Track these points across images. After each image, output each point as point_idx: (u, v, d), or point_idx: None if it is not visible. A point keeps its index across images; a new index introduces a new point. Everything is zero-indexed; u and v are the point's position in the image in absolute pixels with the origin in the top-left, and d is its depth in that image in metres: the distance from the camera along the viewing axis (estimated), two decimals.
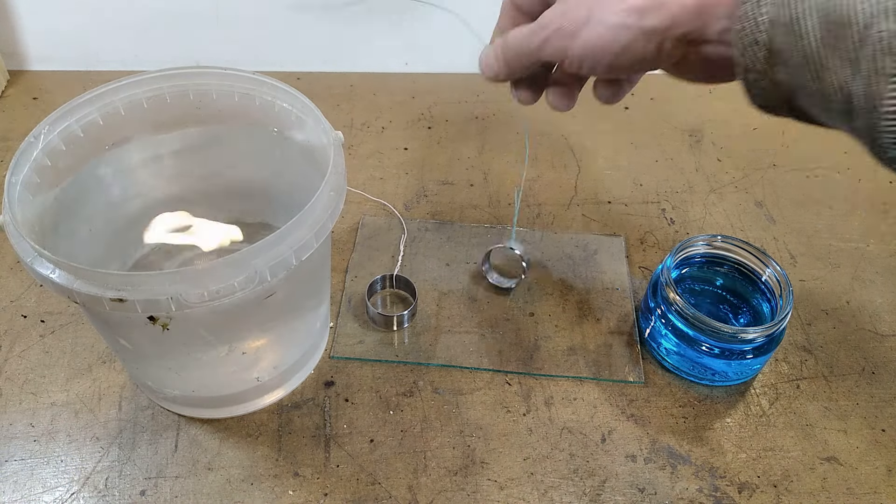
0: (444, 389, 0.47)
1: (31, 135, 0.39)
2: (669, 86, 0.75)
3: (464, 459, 0.43)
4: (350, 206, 0.59)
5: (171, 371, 0.41)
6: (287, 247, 0.35)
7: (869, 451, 0.45)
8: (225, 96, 0.44)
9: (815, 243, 0.58)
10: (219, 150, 0.48)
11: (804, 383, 0.48)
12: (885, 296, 0.54)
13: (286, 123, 0.44)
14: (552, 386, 0.47)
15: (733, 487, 0.43)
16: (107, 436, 0.44)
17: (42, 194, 0.39)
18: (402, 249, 0.55)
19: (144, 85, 0.43)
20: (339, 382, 0.47)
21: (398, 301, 0.52)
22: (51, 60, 0.72)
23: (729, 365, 0.45)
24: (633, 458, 0.44)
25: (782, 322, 0.44)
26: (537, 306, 0.52)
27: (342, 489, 0.42)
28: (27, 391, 0.46)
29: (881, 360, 0.50)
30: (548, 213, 0.59)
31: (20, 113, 0.67)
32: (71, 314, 0.50)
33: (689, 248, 0.48)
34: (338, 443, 0.44)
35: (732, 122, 0.70)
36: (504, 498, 0.42)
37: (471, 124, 0.68)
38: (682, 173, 0.64)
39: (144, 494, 0.41)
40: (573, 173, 0.64)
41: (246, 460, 0.43)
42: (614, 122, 0.70)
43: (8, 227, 0.35)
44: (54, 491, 0.41)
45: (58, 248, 0.40)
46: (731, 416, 0.46)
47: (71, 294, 0.33)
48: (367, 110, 0.70)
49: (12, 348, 0.48)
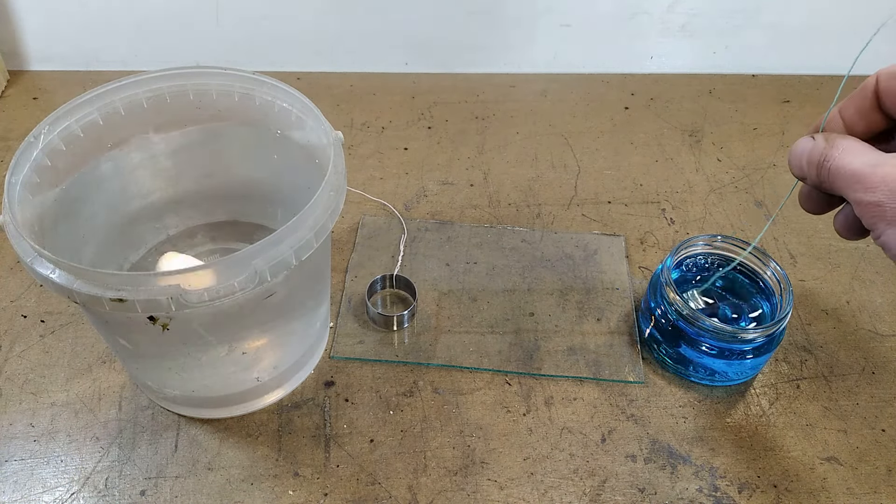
0: (444, 389, 0.47)
1: (31, 135, 0.39)
2: (669, 86, 0.75)
3: (464, 459, 0.43)
4: (350, 206, 0.59)
5: (171, 371, 0.41)
6: (287, 247, 0.35)
7: (869, 451, 0.45)
8: (225, 96, 0.44)
9: (815, 243, 0.58)
10: (219, 150, 0.48)
11: (804, 383, 0.48)
12: (885, 296, 0.54)
13: (286, 123, 0.44)
14: (552, 386, 0.47)
15: (733, 487, 0.43)
16: (107, 436, 0.44)
17: (42, 194, 0.39)
18: (402, 249, 0.55)
19: (144, 85, 0.43)
20: (339, 382, 0.47)
21: (398, 301, 0.52)
22: (51, 60, 0.72)
23: (729, 365, 0.45)
24: (633, 458, 0.44)
25: (782, 322, 0.44)
26: (537, 306, 0.52)
27: (342, 489, 0.42)
28: (27, 391, 0.46)
29: (881, 360, 0.50)
30: (548, 213, 0.59)
31: (20, 113, 0.67)
32: (71, 314, 0.50)
33: (689, 247, 0.48)
34: (338, 443, 0.44)
35: (732, 122, 0.70)
36: (504, 498, 0.42)
37: (471, 124, 0.68)
38: (682, 173, 0.64)
39: (144, 494, 0.41)
40: (573, 173, 0.64)
41: (246, 460, 0.43)
42: (614, 122, 0.70)
43: (8, 227, 0.35)
44: (54, 491, 0.41)
45: (58, 248, 0.40)
46: (731, 416, 0.46)
47: (71, 294, 0.33)
48: (367, 110, 0.70)
49: (12, 348, 0.48)
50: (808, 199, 0.39)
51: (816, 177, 0.35)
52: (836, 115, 0.36)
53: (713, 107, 0.72)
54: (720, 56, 0.76)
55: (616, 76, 0.76)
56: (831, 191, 0.34)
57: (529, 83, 0.74)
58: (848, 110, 0.36)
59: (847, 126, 0.36)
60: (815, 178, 0.35)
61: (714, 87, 0.75)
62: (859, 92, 0.35)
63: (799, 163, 0.36)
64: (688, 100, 0.73)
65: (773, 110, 0.72)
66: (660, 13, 0.72)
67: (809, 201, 0.39)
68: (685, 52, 0.75)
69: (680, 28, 0.73)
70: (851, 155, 0.33)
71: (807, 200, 0.39)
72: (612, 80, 0.75)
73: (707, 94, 0.74)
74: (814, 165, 0.34)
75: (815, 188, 0.36)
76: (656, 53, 0.75)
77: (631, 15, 0.72)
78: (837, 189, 0.33)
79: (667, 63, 0.76)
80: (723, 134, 0.69)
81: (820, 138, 0.35)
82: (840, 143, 0.34)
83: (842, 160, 0.33)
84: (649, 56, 0.75)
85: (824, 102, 0.73)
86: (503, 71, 0.75)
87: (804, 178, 0.36)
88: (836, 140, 0.34)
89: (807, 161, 0.35)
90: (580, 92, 0.73)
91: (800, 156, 0.35)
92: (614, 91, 0.74)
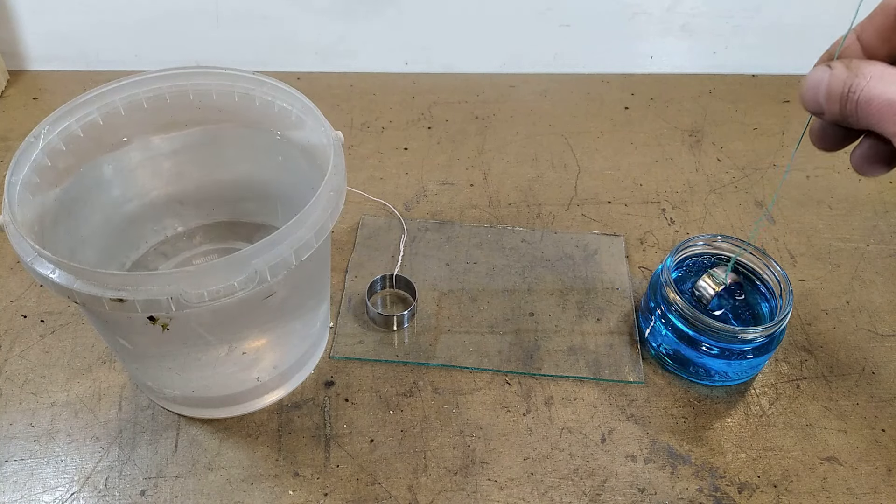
0: (444, 389, 0.47)
1: (31, 135, 0.39)
2: (669, 86, 0.75)
3: (464, 459, 0.43)
4: (350, 206, 0.59)
5: (171, 371, 0.41)
6: (287, 247, 0.35)
7: (869, 451, 0.45)
8: (225, 96, 0.44)
9: (815, 243, 0.58)
10: (219, 150, 0.48)
11: (804, 383, 0.48)
12: (885, 296, 0.54)
13: (286, 123, 0.44)
14: (552, 386, 0.47)
15: (733, 487, 0.43)
16: (107, 436, 0.44)
17: (42, 194, 0.39)
18: (402, 249, 0.55)
19: (144, 85, 0.43)
20: (339, 382, 0.47)
21: (398, 301, 0.52)
22: (51, 60, 0.72)
23: (729, 365, 0.45)
24: (633, 458, 0.44)
25: (782, 322, 0.44)
26: (537, 306, 0.52)
27: (342, 489, 0.42)
28: (27, 391, 0.46)
29: (881, 360, 0.50)
30: (548, 213, 0.59)
31: (20, 113, 0.67)
32: (71, 314, 0.50)
33: (689, 247, 0.48)
34: (338, 443, 0.44)
35: (732, 122, 0.70)
36: (504, 498, 0.42)
37: (471, 124, 0.68)
38: (682, 173, 0.64)
39: (144, 494, 0.41)
40: (573, 173, 0.64)
41: (246, 460, 0.43)
42: (614, 122, 0.70)
43: (8, 227, 0.35)
44: (54, 491, 0.41)
45: (58, 248, 0.40)
46: (731, 416, 0.46)
47: (71, 294, 0.33)
48: (367, 110, 0.70)
49: (12, 348, 0.48)
50: (822, 137, 0.34)
51: (840, 111, 0.30)
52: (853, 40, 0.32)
53: (713, 107, 0.72)
54: (720, 56, 0.76)
55: (616, 76, 0.76)
56: (857, 125, 0.30)
57: (529, 83, 0.74)
58: (867, 33, 0.32)
59: (867, 52, 0.32)
60: (836, 113, 0.30)
61: (714, 87, 0.75)
62: (880, 10, 0.31)
63: (814, 96, 0.31)
64: (688, 100, 0.73)
65: (773, 110, 0.72)
66: (660, 13, 0.72)
67: (824, 139, 0.34)
68: (685, 52, 0.75)
69: (680, 28, 0.73)
70: (884, 83, 0.28)
71: (821, 138, 0.34)
72: (612, 80, 0.75)
73: (707, 94, 0.74)
74: (835, 98, 0.30)
75: (836, 124, 0.31)
76: (656, 53, 0.75)
77: (631, 15, 0.72)
78: (868, 123, 0.29)
79: (667, 63, 0.76)
80: (723, 134, 0.69)
81: (840, 66, 0.30)
82: (867, 70, 0.29)
83: (874, 89, 0.28)
84: (649, 56, 0.75)
85: None
86: (503, 71, 0.75)
87: (821, 114, 0.31)
88: (863, 67, 0.29)
89: (825, 94, 0.30)
90: (580, 92, 0.73)
91: (815, 88, 0.30)
92: (614, 91, 0.74)
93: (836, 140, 0.34)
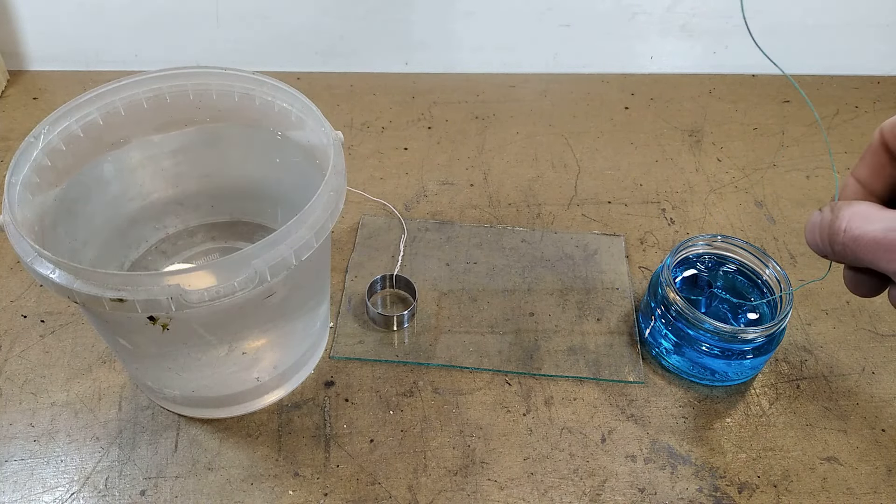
0: (444, 389, 0.47)
1: (31, 135, 0.39)
2: (669, 86, 0.75)
3: (464, 459, 0.43)
4: (350, 206, 0.59)
5: (171, 371, 0.41)
6: (287, 247, 0.35)
7: (869, 451, 0.45)
8: (225, 96, 0.44)
9: None
10: (219, 150, 0.48)
11: (804, 383, 0.48)
12: (885, 296, 0.54)
13: (286, 123, 0.44)
14: (552, 386, 0.47)
15: (733, 487, 0.43)
16: (107, 436, 0.44)
17: (42, 194, 0.39)
18: (402, 249, 0.56)
19: (144, 85, 0.43)
20: (339, 382, 0.47)
21: (398, 301, 0.52)
22: (51, 60, 0.72)
23: (729, 365, 0.45)
24: (633, 458, 0.44)
25: (782, 322, 0.44)
26: (537, 306, 0.52)
27: (342, 489, 0.42)
28: (27, 391, 0.46)
29: (881, 360, 0.50)
30: (548, 213, 0.59)
31: (20, 113, 0.67)
32: (71, 314, 0.50)
33: (689, 248, 0.48)
34: (338, 443, 0.44)
35: (732, 122, 0.70)
36: (504, 498, 0.42)
37: (471, 124, 0.68)
38: (682, 173, 0.64)
39: (144, 494, 0.41)
40: (573, 173, 0.64)
41: (246, 460, 0.43)
42: (614, 122, 0.70)
43: (8, 227, 0.35)
44: (54, 491, 0.41)
45: (58, 248, 0.40)
46: (731, 416, 0.46)
47: (71, 294, 0.33)
48: (367, 110, 0.70)
49: (12, 348, 0.48)
50: (855, 284, 0.33)
51: (834, 253, 0.31)
52: (852, 181, 0.33)
53: (713, 107, 0.72)
54: (720, 56, 0.76)
55: (616, 76, 0.76)
56: (859, 264, 0.30)
57: (529, 83, 0.74)
58: (861, 172, 0.33)
59: (865, 188, 0.33)
60: (833, 255, 0.31)
61: (714, 87, 0.75)
62: (868, 151, 0.33)
63: (814, 240, 0.32)
64: (688, 100, 0.73)
65: (773, 110, 0.72)
66: (660, 13, 0.72)
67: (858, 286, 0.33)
68: (685, 52, 0.75)
69: (680, 28, 0.74)
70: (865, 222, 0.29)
71: (855, 286, 0.33)
72: (612, 80, 0.75)
73: (707, 94, 0.74)
74: (826, 241, 0.31)
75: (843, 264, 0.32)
76: (656, 53, 0.75)
77: (631, 15, 0.72)
78: (865, 262, 0.30)
79: (667, 63, 0.76)
80: (723, 134, 0.69)
81: (826, 210, 0.31)
82: (844, 213, 0.30)
83: (856, 230, 0.29)
84: (649, 56, 0.75)
85: (824, 102, 0.73)
86: (503, 71, 0.75)
87: (826, 255, 0.32)
88: (841, 209, 0.30)
89: (819, 236, 0.31)
90: (580, 92, 0.73)
91: (812, 232, 0.32)
92: (614, 91, 0.74)
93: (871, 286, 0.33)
